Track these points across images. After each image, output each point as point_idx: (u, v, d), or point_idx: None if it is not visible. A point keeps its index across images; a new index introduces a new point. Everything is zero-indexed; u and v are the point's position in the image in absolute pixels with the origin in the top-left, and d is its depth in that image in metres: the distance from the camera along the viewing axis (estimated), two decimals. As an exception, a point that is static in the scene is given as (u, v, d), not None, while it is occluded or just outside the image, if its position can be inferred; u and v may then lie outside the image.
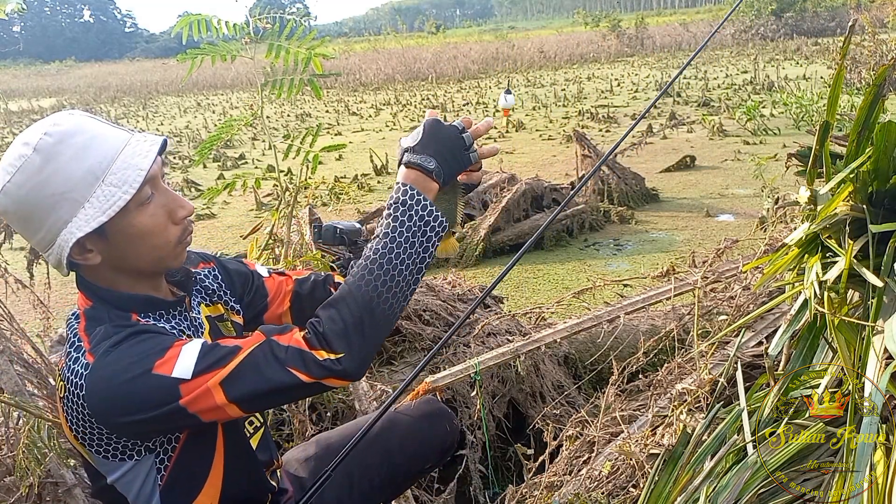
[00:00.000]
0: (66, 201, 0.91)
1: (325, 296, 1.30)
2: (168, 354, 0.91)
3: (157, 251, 0.99)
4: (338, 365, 0.94)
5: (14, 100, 25.51)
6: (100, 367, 0.91)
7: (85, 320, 0.99)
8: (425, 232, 1.00)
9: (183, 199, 1.02)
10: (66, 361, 0.96)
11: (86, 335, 0.97)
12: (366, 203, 6.42)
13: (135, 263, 1.00)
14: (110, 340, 0.93)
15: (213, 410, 0.92)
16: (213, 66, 2.03)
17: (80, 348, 0.95)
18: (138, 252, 0.98)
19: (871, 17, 11.26)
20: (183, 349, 0.92)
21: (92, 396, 0.90)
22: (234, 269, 1.25)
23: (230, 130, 1.99)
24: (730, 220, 5.03)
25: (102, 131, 0.96)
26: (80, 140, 0.93)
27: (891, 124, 1.25)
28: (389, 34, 62.47)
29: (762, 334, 1.78)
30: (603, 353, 2.25)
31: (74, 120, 0.95)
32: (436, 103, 14.09)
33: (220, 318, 1.18)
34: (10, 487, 1.54)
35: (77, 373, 0.92)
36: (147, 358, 0.90)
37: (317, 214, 2.71)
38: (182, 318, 1.08)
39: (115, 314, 0.99)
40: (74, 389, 0.92)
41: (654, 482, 1.35)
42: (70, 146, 0.92)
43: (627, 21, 29.02)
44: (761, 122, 8.18)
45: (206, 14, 1.88)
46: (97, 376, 0.90)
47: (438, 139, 1.05)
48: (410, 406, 1.50)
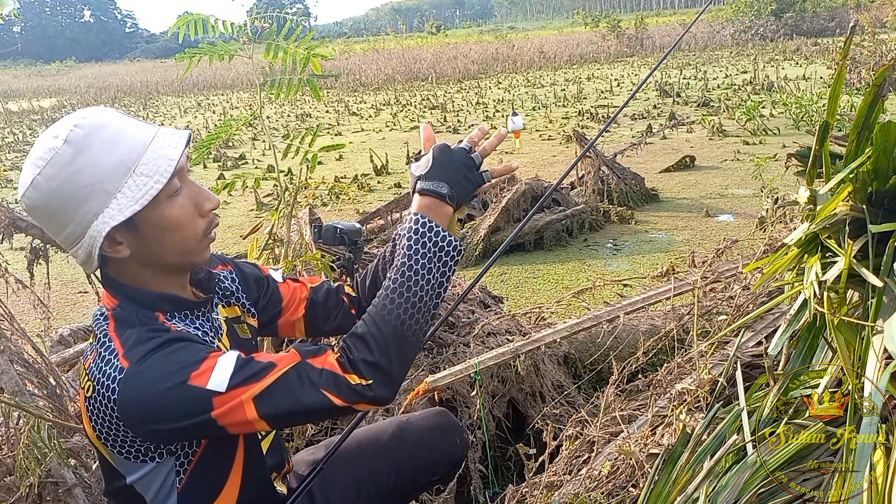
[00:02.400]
0: (98, 192, 0.92)
1: (338, 305, 1.32)
2: (204, 366, 0.91)
3: (185, 243, 1.00)
4: (369, 391, 0.95)
5: (14, 100, 25.52)
6: (135, 373, 0.91)
7: (114, 321, 0.99)
8: (441, 257, 1.03)
9: (209, 191, 1.03)
10: (96, 360, 0.96)
11: (117, 336, 0.96)
12: (366, 203, 6.42)
13: (163, 258, 1.00)
14: (145, 346, 0.93)
15: (243, 424, 0.93)
16: (211, 66, 2.03)
17: (112, 350, 0.95)
18: (166, 245, 0.99)
19: (871, 17, 11.27)
20: (219, 361, 0.92)
21: (125, 401, 0.90)
22: (250, 272, 1.26)
23: (229, 130, 1.99)
24: (729, 221, 5.03)
25: (131, 124, 0.97)
26: (110, 132, 0.94)
27: (890, 124, 1.25)
28: (389, 34, 62.47)
29: (762, 334, 1.78)
30: (603, 352, 2.25)
31: (102, 113, 0.96)
32: (436, 103, 14.09)
33: (236, 320, 1.19)
34: (11, 487, 1.54)
35: (110, 375, 0.92)
36: (184, 368, 0.91)
37: (317, 214, 2.71)
38: (205, 320, 1.09)
39: (143, 315, 0.99)
40: (105, 392, 0.92)
41: (654, 482, 1.36)
42: (100, 138, 0.93)
43: (627, 21, 29.04)
44: (761, 122, 8.18)
45: (204, 13, 1.88)
46: (132, 382, 0.90)
47: (449, 164, 1.08)
48: (422, 416, 1.49)
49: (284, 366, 0.95)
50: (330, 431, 2.05)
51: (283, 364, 0.95)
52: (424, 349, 2.39)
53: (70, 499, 1.55)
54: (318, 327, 1.33)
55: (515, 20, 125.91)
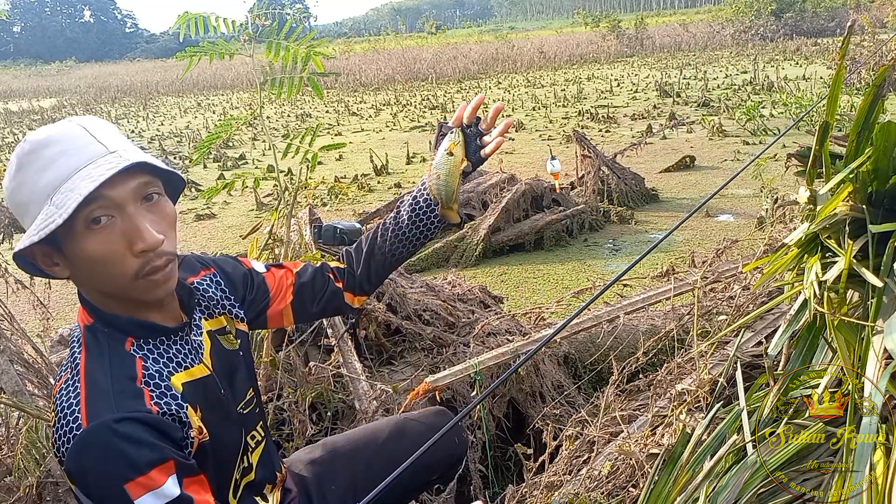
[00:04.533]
0: (30, 211, 0.93)
1: (325, 284, 1.30)
2: (144, 478, 0.87)
3: (116, 280, 0.94)
4: None
5: (14, 100, 25.52)
6: (86, 442, 0.88)
7: (86, 352, 0.96)
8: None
9: (149, 232, 0.93)
10: (62, 392, 0.93)
11: (86, 379, 0.93)
12: (366, 203, 6.42)
13: (101, 287, 0.97)
14: (108, 415, 0.89)
15: None
16: (211, 66, 2.02)
17: (77, 392, 0.92)
18: (97, 277, 0.95)
19: (871, 17, 11.27)
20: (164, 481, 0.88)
21: (70, 461, 0.89)
22: (232, 270, 1.23)
23: (229, 129, 1.99)
24: (729, 220, 5.03)
25: (77, 146, 0.92)
26: (49, 153, 0.91)
27: (890, 124, 1.25)
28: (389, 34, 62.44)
29: (762, 334, 1.78)
30: (603, 353, 2.25)
31: (58, 130, 0.93)
32: (436, 103, 14.09)
33: (221, 332, 1.15)
34: (10, 487, 1.54)
35: (67, 423, 0.90)
36: (129, 468, 0.86)
37: (317, 214, 2.71)
38: (183, 344, 1.05)
39: (114, 350, 0.96)
40: (61, 435, 0.90)
41: (654, 482, 1.35)
42: (39, 158, 0.91)
43: (627, 21, 29.03)
44: (761, 122, 8.18)
45: (205, 12, 1.88)
46: (81, 450, 0.88)
47: None
48: (421, 416, 1.49)
49: None
50: (329, 431, 2.05)
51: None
52: (424, 349, 2.39)
53: (70, 499, 1.55)
54: (305, 311, 1.31)
55: (515, 20, 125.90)
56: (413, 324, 2.41)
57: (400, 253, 1.32)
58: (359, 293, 1.34)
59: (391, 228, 1.30)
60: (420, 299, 2.50)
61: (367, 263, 1.32)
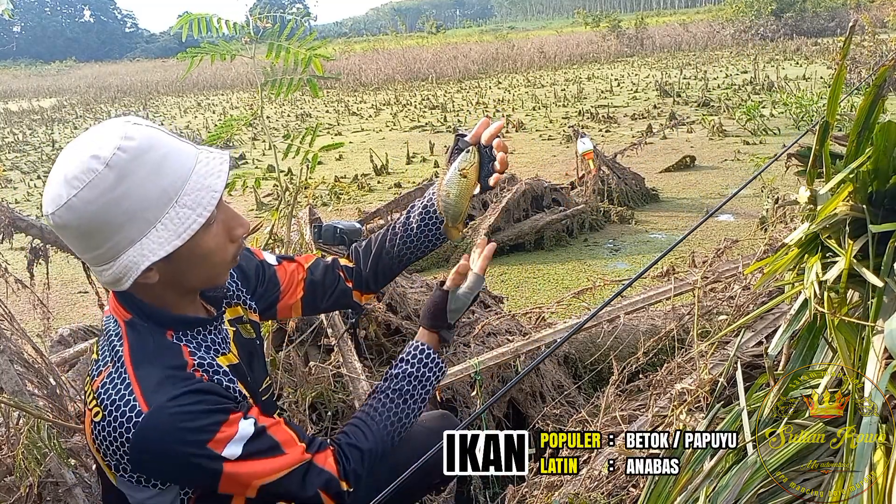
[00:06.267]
0: (138, 220, 0.89)
1: (335, 281, 1.32)
2: (222, 432, 0.93)
3: (214, 269, 1.00)
4: (347, 497, 1.04)
5: (14, 100, 25.52)
6: (155, 423, 0.89)
7: (129, 344, 0.97)
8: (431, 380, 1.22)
9: (241, 216, 1.01)
10: (107, 387, 0.94)
11: (134, 369, 0.94)
12: (366, 203, 6.42)
13: (189, 283, 1.00)
14: (166, 392, 0.91)
15: (236, 493, 0.98)
16: (211, 66, 2.03)
17: (128, 384, 0.93)
18: (196, 272, 0.98)
19: (871, 17, 11.27)
20: (239, 427, 0.94)
21: (140, 448, 0.90)
22: (246, 264, 1.25)
23: (229, 130, 1.99)
24: (730, 221, 5.03)
25: (174, 146, 0.92)
26: (155, 157, 0.89)
27: (891, 124, 1.25)
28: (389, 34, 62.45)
29: (762, 334, 1.78)
30: (603, 353, 2.25)
31: (146, 134, 0.90)
32: (436, 103, 14.09)
33: (239, 321, 1.18)
34: (10, 487, 1.54)
35: (125, 414, 0.90)
36: (204, 429, 0.91)
37: (317, 214, 2.71)
38: (216, 333, 1.08)
39: (158, 340, 0.99)
40: (118, 427, 0.90)
41: (654, 482, 1.35)
42: (145, 163, 0.88)
43: (627, 21, 29.03)
44: (761, 122, 8.18)
45: (206, 13, 1.88)
46: (150, 432, 0.89)
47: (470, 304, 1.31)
48: (424, 418, 1.48)
49: (294, 461, 0.99)
50: (329, 431, 2.05)
51: (293, 455, 0.99)
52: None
53: (70, 499, 1.55)
54: (315, 307, 1.33)
55: (515, 20, 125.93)
56: (413, 324, 2.41)
57: (407, 258, 1.34)
58: (365, 291, 1.37)
59: (400, 233, 1.32)
60: (420, 299, 2.51)
61: (375, 264, 1.33)
